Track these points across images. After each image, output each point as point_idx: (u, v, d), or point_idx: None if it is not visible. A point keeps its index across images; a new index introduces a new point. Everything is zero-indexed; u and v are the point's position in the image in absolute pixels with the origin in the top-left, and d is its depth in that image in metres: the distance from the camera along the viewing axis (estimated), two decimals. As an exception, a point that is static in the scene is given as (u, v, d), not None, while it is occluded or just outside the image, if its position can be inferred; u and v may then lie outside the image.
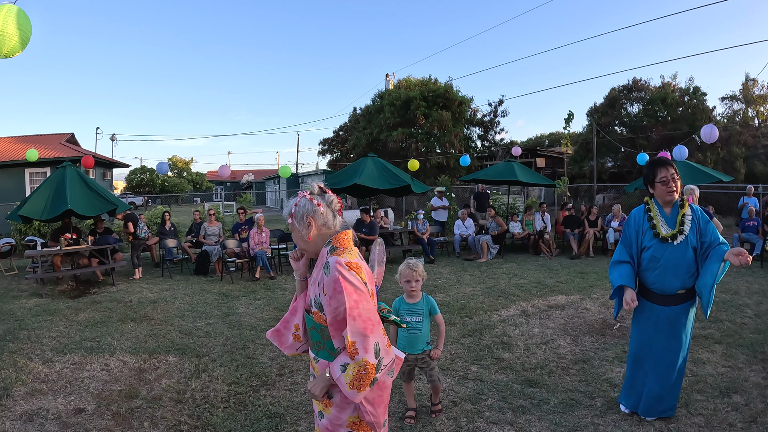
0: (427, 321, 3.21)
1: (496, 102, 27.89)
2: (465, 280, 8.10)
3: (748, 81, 24.62)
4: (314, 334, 1.83)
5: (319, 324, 1.79)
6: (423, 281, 3.19)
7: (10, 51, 3.85)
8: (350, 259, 1.72)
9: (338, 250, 1.78)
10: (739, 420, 3.12)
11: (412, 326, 3.17)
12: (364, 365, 1.63)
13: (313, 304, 1.81)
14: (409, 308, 3.20)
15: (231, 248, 9.17)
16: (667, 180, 2.95)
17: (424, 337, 3.20)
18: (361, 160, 10.79)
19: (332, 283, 1.68)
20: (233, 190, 37.85)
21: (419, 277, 3.14)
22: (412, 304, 3.19)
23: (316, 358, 1.85)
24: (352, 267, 1.70)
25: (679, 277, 2.95)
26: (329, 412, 1.82)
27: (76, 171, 8.76)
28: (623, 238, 3.18)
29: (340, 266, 1.69)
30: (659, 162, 3.03)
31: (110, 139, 31.83)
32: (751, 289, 6.95)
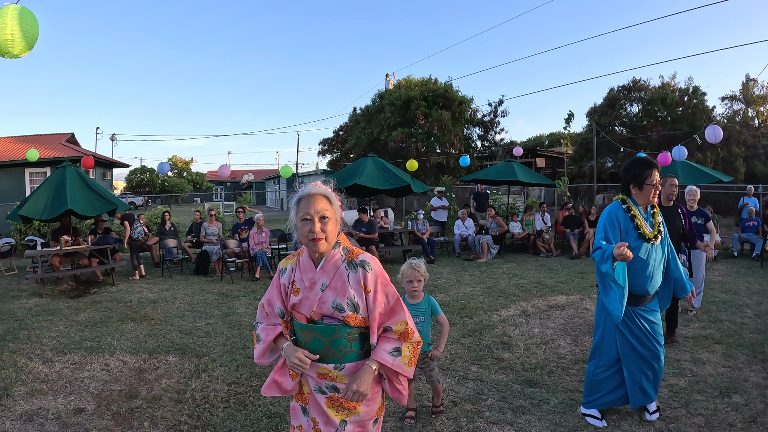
0: (428, 321, 3.20)
1: (496, 102, 27.93)
2: (465, 280, 8.10)
3: (748, 81, 24.64)
4: (339, 341, 1.74)
5: (347, 327, 1.74)
6: (425, 282, 3.18)
7: (20, 51, 3.86)
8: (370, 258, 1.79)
9: (354, 251, 1.81)
10: (739, 420, 3.12)
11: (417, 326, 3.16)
12: (417, 342, 1.81)
13: (346, 307, 1.73)
14: (410, 308, 3.16)
15: (231, 248, 9.17)
16: (656, 183, 2.92)
17: (426, 337, 3.18)
18: (361, 160, 10.79)
19: (377, 278, 1.75)
20: (233, 190, 37.87)
21: (422, 277, 3.14)
22: (414, 304, 3.18)
23: (339, 366, 1.76)
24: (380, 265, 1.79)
25: (659, 275, 3.03)
26: (359, 411, 1.77)
27: (76, 171, 8.76)
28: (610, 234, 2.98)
29: (374, 261, 1.76)
30: (650, 164, 2.96)
31: (110, 139, 31.82)
32: (751, 289, 6.95)
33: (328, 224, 1.74)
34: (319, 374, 1.77)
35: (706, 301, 6.19)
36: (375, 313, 1.73)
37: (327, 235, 1.74)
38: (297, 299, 1.79)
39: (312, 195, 1.76)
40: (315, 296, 1.76)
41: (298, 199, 1.80)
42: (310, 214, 1.72)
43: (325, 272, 1.77)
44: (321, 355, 1.75)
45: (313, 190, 1.78)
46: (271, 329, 1.88)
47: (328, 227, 1.74)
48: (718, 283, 7.39)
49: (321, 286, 1.76)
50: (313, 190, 1.78)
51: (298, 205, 1.79)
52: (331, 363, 1.75)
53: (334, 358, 1.75)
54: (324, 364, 1.75)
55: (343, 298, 1.73)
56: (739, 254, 10.29)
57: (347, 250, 1.80)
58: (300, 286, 1.80)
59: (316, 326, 1.75)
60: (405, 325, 1.76)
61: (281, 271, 1.88)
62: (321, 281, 1.76)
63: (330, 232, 1.74)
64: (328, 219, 1.74)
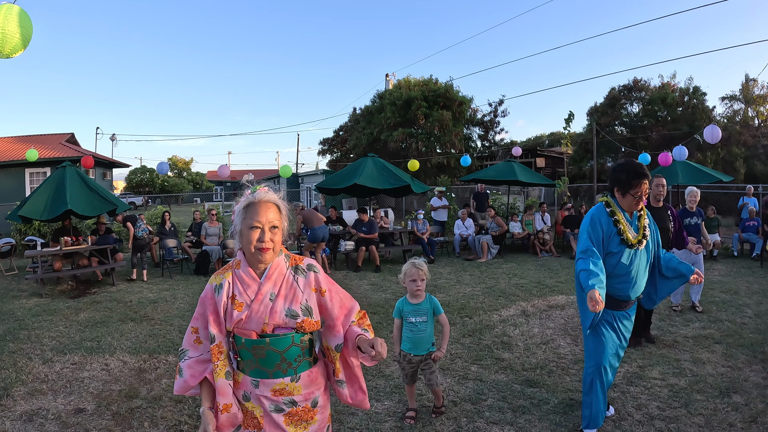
0: (431, 321, 3.19)
1: (496, 102, 27.94)
2: (465, 280, 8.10)
3: (748, 81, 24.65)
4: (293, 351, 1.67)
5: (300, 335, 1.68)
6: (427, 281, 3.18)
7: (11, 50, 3.84)
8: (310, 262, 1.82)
9: (295, 257, 1.80)
10: (739, 420, 3.12)
11: (417, 327, 3.14)
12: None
13: (300, 313, 1.67)
14: (413, 308, 3.17)
15: (231, 248, 9.16)
16: (641, 196, 2.79)
17: (429, 337, 3.17)
18: (361, 160, 10.79)
19: (325, 278, 1.76)
20: (233, 190, 37.88)
21: (424, 277, 3.13)
22: (416, 304, 3.17)
23: (295, 377, 1.69)
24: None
25: (643, 281, 2.91)
26: (316, 420, 1.73)
27: (76, 171, 8.76)
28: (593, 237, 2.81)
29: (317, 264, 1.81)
30: (640, 173, 2.76)
31: (110, 139, 31.85)
32: (751, 289, 6.95)
33: (277, 234, 1.69)
34: (275, 391, 1.67)
35: (706, 301, 6.19)
36: (335, 310, 1.73)
37: (275, 245, 1.68)
38: (242, 315, 1.66)
39: (263, 202, 1.68)
40: (265, 308, 1.66)
41: (246, 205, 1.69)
42: (260, 222, 1.65)
43: (271, 281, 1.69)
44: (275, 369, 1.66)
45: (264, 197, 1.69)
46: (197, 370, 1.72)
47: (276, 237, 1.68)
48: (718, 283, 7.39)
49: (270, 297, 1.67)
50: (264, 197, 1.69)
51: (246, 211, 1.68)
52: (287, 376, 1.67)
53: (290, 370, 1.68)
54: (280, 379, 1.66)
55: (296, 304, 1.67)
56: (739, 254, 10.29)
57: (288, 257, 1.77)
58: (243, 301, 1.67)
59: (269, 339, 1.65)
60: (361, 312, 1.83)
61: (215, 289, 1.71)
62: (269, 291, 1.68)
63: (278, 242, 1.70)
64: (277, 229, 1.69)
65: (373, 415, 3.31)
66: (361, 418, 3.27)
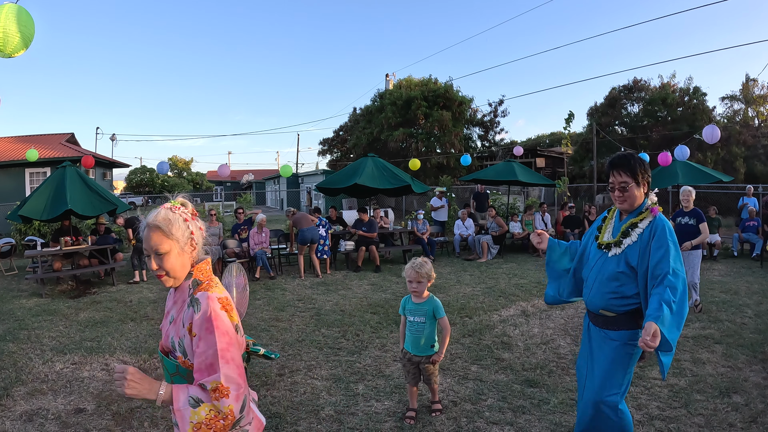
0: (431, 323, 3.16)
1: (496, 102, 27.96)
2: (465, 280, 8.10)
3: (749, 81, 24.64)
4: (177, 379, 1.56)
5: (185, 369, 1.53)
6: (431, 282, 3.15)
7: (13, 50, 3.84)
8: (221, 295, 1.52)
9: (204, 284, 1.55)
10: (739, 420, 3.12)
11: (415, 326, 3.16)
12: (226, 415, 1.42)
13: (176, 347, 1.53)
14: (413, 307, 3.18)
15: (231, 248, 9.17)
16: (613, 188, 2.38)
17: (428, 339, 3.15)
18: (361, 160, 10.79)
19: (204, 322, 1.45)
20: (233, 190, 37.88)
21: (422, 279, 3.10)
22: (417, 303, 3.17)
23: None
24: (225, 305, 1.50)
25: (602, 294, 2.38)
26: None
27: (76, 171, 8.76)
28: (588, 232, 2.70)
29: (212, 302, 1.47)
30: (612, 164, 2.39)
31: (110, 139, 31.85)
32: (751, 289, 6.95)
33: (167, 260, 1.51)
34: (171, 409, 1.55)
35: (706, 301, 6.19)
36: (196, 361, 1.45)
37: (169, 271, 1.52)
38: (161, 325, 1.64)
39: (147, 227, 1.53)
40: (164, 328, 1.61)
41: None
42: (146, 249, 1.52)
43: (175, 304, 1.60)
44: None
45: (150, 219, 1.53)
46: None
47: (167, 263, 1.51)
48: (718, 283, 7.39)
49: (170, 318, 1.59)
50: (150, 219, 1.53)
51: None
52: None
53: None
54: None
55: (176, 337, 1.54)
56: (739, 254, 10.30)
57: (197, 283, 1.55)
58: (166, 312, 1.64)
59: (164, 359, 1.58)
60: (217, 384, 1.41)
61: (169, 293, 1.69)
62: (171, 313, 1.59)
63: (172, 267, 1.52)
64: (164, 254, 1.51)
65: (373, 415, 3.31)
66: (361, 418, 3.27)
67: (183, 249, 1.54)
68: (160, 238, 1.51)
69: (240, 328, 1.57)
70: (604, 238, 2.48)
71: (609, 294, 2.35)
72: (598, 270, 2.43)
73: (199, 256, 1.61)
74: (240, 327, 1.58)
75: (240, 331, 1.57)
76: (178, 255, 1.53)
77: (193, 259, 1.58)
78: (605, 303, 2.37)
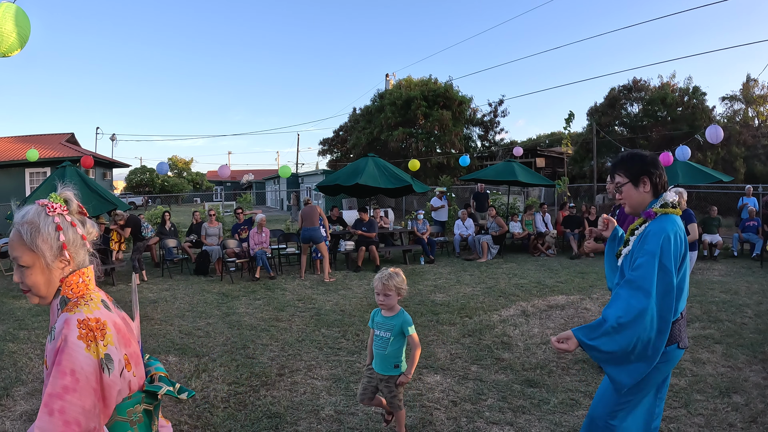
0: (398, 340, 2.81)
1: (496, 102, 27.98)
2: (465, 280, 8.10)
3: (749, 81, 24.65)
4: None
5: None
6: (401, 294, 2.81)
7: (8, 49, 3.84)
8: (88, 316, 1.19)
9: (71, 303, 1.25)
10: (739, 420, 3.12)
11: (380, 342, 2.83)
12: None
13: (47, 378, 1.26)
14: (381, 321, 2.86)
15: (231, 248, 9.17)
16: (615, 188, 2.19)
17: (392, 357, 2.81)
18: (361, 160, 10.80)
19: (53, 355, 1.15)
20: (233, 190, 37.88)
21: (390, 291, 2.77)
22: (386, 317, 2.85)
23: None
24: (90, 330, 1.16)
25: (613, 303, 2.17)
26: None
27: (76, 171, 8.78)
28: None
29: (68, 329, 1.15)
30: (612, 165, 2.22)
31: (110, 139, 31.85)
32: (751, 289, 6.95)
33: (28, 275, 1.23)
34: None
35: (706, 301, 6.19)
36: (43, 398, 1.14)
37: (32, 288, 1.25)
38: None
39: (12, 228, 1.26)
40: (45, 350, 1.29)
41: None
42: (12, 258, 1.26)
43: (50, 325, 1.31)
44: None
45: (16, 218, 1.26)
46: None
47: (28, 278, 1.23)
48: (718, 283, 7.39)
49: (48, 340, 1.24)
50: (16, 218, 1.26)
51: None
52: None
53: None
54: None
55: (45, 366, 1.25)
56: (739, 254, 10.30)
57: (64, 302, 1.26)
58: None
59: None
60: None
61: None
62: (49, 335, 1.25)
63: (34, 283, 1.24)
64: (26, 269, 1.23)
65: (373, 415, 3.31)
66: (361, 418, 3.27)
67: (49, 266, 1.24)
68: (21, 248, 1.22)
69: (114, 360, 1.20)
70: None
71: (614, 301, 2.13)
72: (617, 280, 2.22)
73: (79, 267, 1.30)
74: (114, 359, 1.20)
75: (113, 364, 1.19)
76: (42, 271, 1.24)
77: (65, 274, 1.27)
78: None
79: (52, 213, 1.26)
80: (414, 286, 7.67)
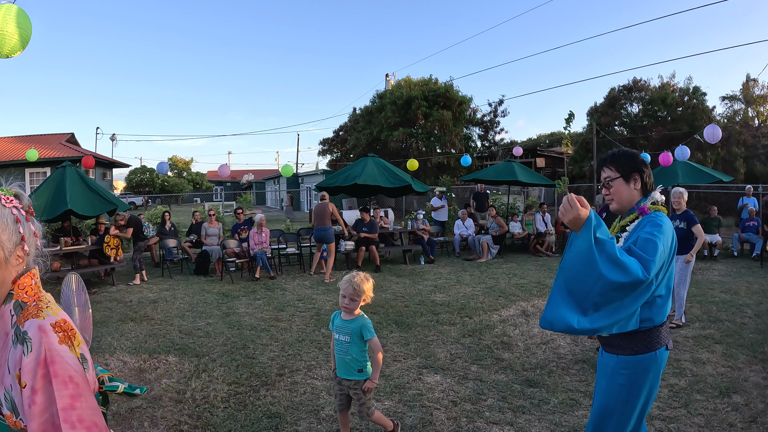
0: (357, 344, 2.74)
1: (496, 102, 27.97)
2: (465, 280, 8.10)
3: (749, 81, 24.65)
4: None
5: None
6: (366, 301, 2.74)
7: (10, 51, 3.84)
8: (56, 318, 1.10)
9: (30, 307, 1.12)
10: (739, 420, 3.12)
11: (340, 345, 2.77)
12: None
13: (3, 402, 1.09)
14: (341, 324, 2.79)
15: (231, 248, 9.17)
16: (601, 185, 2.15)
17: (354, 362, 2.74)
18: (361, 160, 10.81)
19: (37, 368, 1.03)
20: (233, 190, 37.88)
21: (356, 296, 2.70)
22: (345, 320, 2.78)
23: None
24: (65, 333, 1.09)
25: None
26: None
27: (76, 171, 8.77)
28: None
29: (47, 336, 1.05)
30: (599, 161, 2.15)
31: (110, 139, 31.87)
32: (751, 289, 6.95)
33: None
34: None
35: (706, 301, 6.19)
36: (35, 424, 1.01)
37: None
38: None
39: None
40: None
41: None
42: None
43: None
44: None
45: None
46: None
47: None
48: (718, 283, 7.39)
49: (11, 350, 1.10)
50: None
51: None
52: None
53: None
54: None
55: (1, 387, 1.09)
56: (739, 254, 10.30)
57: (20, 307, 1.12)
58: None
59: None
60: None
61: None
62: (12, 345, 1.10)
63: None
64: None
65: (373, 415, 3.31)
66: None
67: (7, 259, 1.11)
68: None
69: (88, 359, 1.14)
70: None
71: None
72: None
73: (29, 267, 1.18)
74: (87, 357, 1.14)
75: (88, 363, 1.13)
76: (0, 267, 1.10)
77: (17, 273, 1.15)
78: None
79: (8, 204, 1.15)
80: (414, 286, 7.67)
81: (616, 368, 1.94)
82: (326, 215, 8.60)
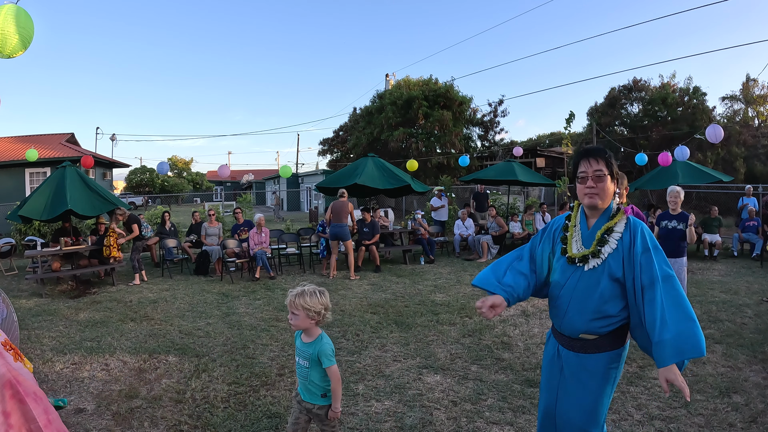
0: (316, 370, 2.38)
1: (496, 102, 27.94)
2: (465, 280, 8.10)
3: (749, 81, 24.65)
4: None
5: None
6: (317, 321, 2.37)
7: (11, 51, 3.84)
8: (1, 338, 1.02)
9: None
10: (739, 420, 3.12)
11: (300, 369, 2.45)
12: None
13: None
14: (300, 347, 2.44)
15: (231, 248, 9.17)
16: (586, 177, 2.02)
17: (316, 388, 2.40)
18: (361, 160, 10.80)
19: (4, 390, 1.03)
20: (233, 190, 37.89)
21: (297, 311, 2.33)
22: (304, 343, 2.42)
23: None
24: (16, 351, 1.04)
25: (582, 315, 2.02)
26: None
27: (76, 171, 8.76)
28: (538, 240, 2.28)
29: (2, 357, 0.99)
30: (585, 152, 2.08)
31: (110, 139, 31.86)
32: (751, 289, 6.95)
33: None
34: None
35: (706, 301, 6.19)
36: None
37: None
38: None
39: None
40: None
41: None
42: None
43: None
44: None
45: None
46: None
47: None
48: (718, 283, 7.39)
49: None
50: None
51: None
52: None
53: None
54: None
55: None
56: (739, 254, 10.30)
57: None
58: None
59: None
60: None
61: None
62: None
63: None
64: None
65: (373, 415, 3.31)
66: (361, 418, 3.27)
67: None
68: None
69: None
70: (574, 249, 2.08)
71: (591, 315, 2.00)
72: (572, 288, 2.05)
73: None
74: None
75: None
76: None
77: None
78: (586, 326, 2.02)
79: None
80: (414, 286, 7.67)
81: (609, 364, 2.04)
82: (345, 213, 8.59)
